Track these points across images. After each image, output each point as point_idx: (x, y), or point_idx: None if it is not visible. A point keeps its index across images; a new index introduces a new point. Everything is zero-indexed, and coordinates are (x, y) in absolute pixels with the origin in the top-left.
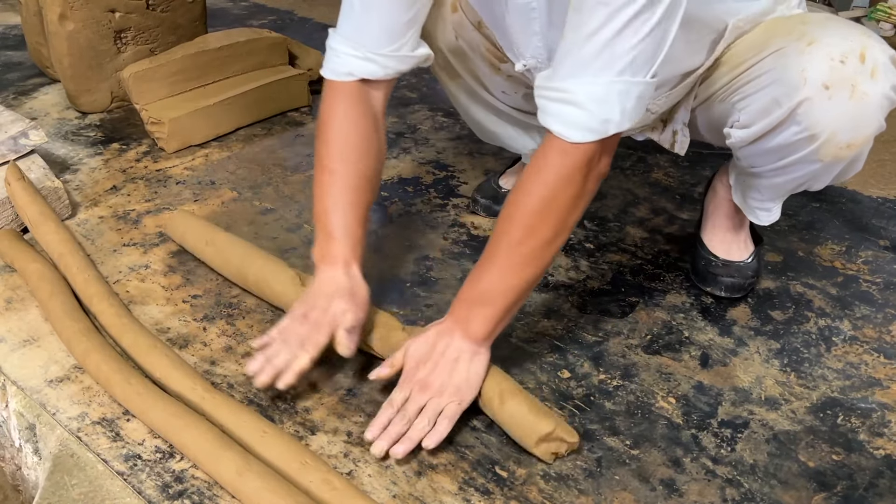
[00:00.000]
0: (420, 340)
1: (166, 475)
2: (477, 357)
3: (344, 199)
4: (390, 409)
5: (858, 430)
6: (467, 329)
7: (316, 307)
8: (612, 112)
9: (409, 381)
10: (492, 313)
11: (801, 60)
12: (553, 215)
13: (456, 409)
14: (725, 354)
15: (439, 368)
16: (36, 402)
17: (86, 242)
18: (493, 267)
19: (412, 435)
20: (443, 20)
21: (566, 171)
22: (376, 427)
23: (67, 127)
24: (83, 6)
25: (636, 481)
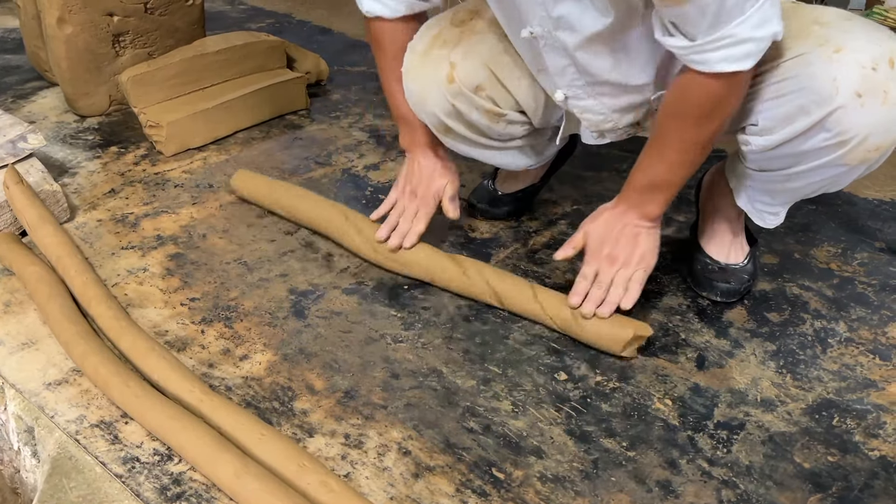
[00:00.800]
0: (598, 223)
1: (164, 477)
2: (653, 230)
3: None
4: (584, 280)
5: (854, 432)
6: (643, 211)
7: (421, 184)
8: (774, 25)
9: (596, 257)
10: (664, 198)
11: (830, 69)
12: (717, 121)
13: (643, 275)
14: (722, 356)
15: (622, 243)
16: (34, 405)
17: (84, 245)
18: (663, 160)
19: (612, 299)
20: (438, 89)
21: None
22: (577, 294)
23: (66, 130)
24: (81, 10)
25: (633, 483)
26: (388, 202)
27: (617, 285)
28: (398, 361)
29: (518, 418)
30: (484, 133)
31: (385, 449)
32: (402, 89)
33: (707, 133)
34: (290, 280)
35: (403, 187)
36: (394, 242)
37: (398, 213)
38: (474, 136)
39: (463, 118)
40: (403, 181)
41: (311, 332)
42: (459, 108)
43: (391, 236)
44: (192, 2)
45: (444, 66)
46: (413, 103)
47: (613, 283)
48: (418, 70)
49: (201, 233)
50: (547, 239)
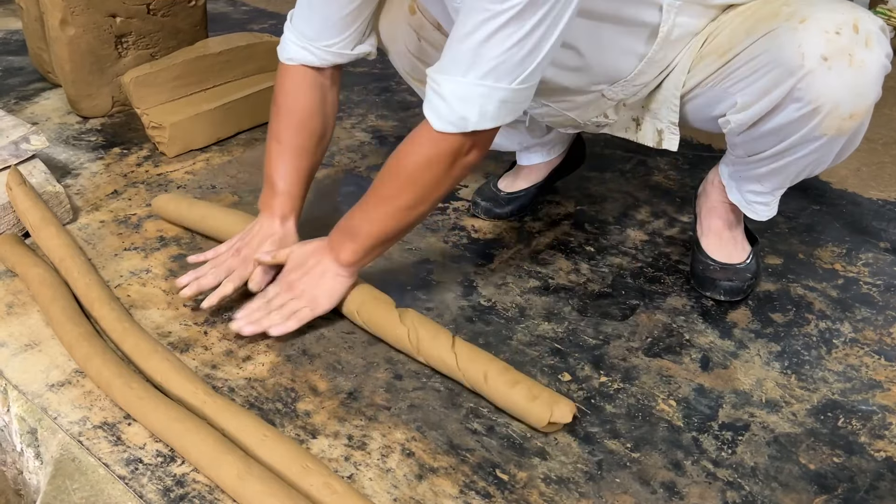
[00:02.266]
0: (304, 249)
1: (167, 479)
2: (339, 277)
3: (288, 164)
4: (262, 298)
5: (859, 433)
6: (337, 254)
7: (249, 245)
8: (471, 111)
9: (284, 278)
10: (358, 248)
11: (795, 38)
12: (416, 188)
13: (308, 313)
14: (726, 357)
15: (306, 277)
16: (37, 407)
17: (87, 247)
18: (363, 210)
19: (263, 322)
20: (402, 23)
21: (432, 155)
22: (246, 309)
23: (68, 132)
24: (84, 11)
25: (637, 484)
26: (214, 251)
27: (281, 311)
28: (401, 362)
29: None
30: None
31: (388, 450)
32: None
33: (403, 197)
34: None
35: (234, 243)
36: (187, 293)
37: (211, 265)
38: None
39: (431, 58)
40: (237, 237)
41: (314, 334)
42: (423, 45)
43: (189, 285)
44: (194, 3)
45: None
46: (385, 42)
47: (280, 309)
48: (389, 8)
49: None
50: (550, 240)
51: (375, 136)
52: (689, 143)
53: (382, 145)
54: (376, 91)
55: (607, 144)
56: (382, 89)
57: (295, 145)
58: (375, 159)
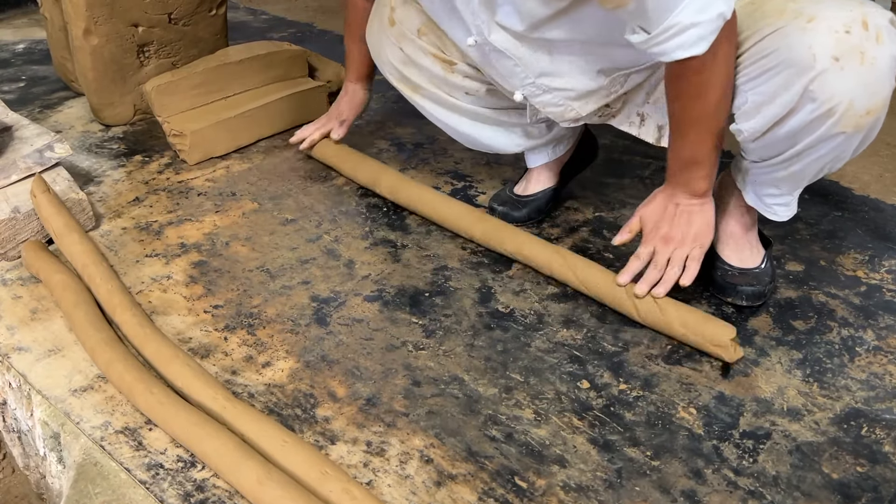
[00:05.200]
0: (651, 206)
1: (188, 484)
2: (706, 207)
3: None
4: (637, 261)
5: (883, 442)
6: (689, 189)
7: (338, 106)
8: (719, 5)
9: (651, 238)
10: (705, 171)
11: (804, 38)
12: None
13: (700, 252)
14: (747, 364)
15: (676, 223)
16: (60, 412)
17: (109, 253)
18: (686, 138)
19: (668, 278)
20: (384, 36)
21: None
22: (627, 274)
23: (91, 140)
24: (107, 21)
25: (657, 492)
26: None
27: (673, 265)
28: (419, 369)
29: (540, 427)
30: (449, 91)
31: (407, 457)
32: (355, 43)
33: (710, 105)
34: (311, 287)
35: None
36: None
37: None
38: (440, 93)
39: (416, 65)
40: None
41: (333, 340)
42: (408, 52)
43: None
44: (215, 12)
45: (385, 10)
46: (375, 58)
47: (670, 262)
48: (371, 23)
49: (224, 241)
50: (569, 246)
51: (394, 142)
52: None
53: (401, 152)
54: (394, 98)
55: (626, 151)
56: (400, 97)
57: (358, 36)
58: (394, 166)
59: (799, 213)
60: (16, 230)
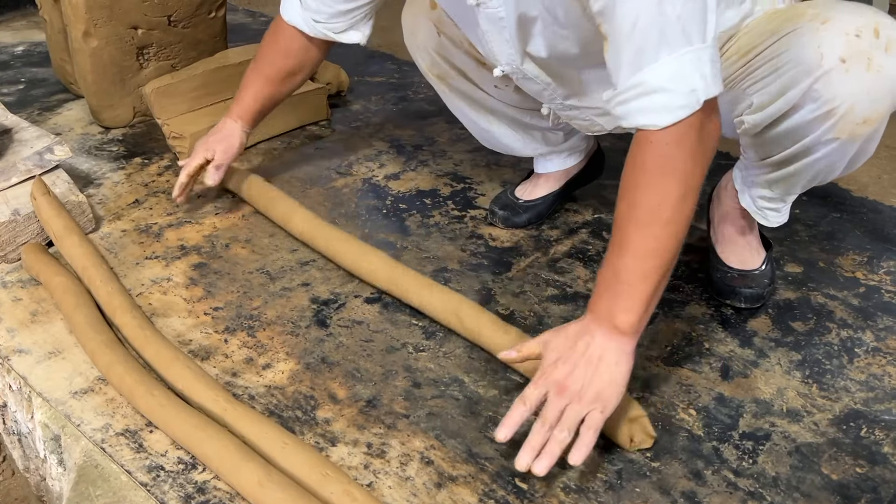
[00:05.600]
0: (560, 336)
1: (189, 486)
2: (623, 354)
3: (254, 83)
4: (522, 406)
5: (882, 443)
6: (612, 322)
7: (208, 142)
8: (693, 80)
9: (545, 378)
10: (636, 303)
11: (815, 38)
12: (671, 182)
13: (598, 417)
14: (746, 366)
15: (579, 369)
16: (61, 414)
17: (109, 255)
18: (626, 253)
19: (552, 449)
20: (423, 19)
21: (674, 142)
22: (507, 426)
23: (91, 142)
24: (107, 23)
25: (657, 494)
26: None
27: (563, 426)
28: (420, 370)
29: None
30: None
31: (407, 458)
32: (253, 70)
33: (663, 203)
34: (311, 289)
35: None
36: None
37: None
38: (469, 85)
39: (451, 56)
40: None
41: (333, 341)
42: (444, 40)
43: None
44: (214, 14)
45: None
46: (407, 40)
47: (560, 421)
48: (411, 3)
49: (224, 242)
50: (568, 248)
51: (393, 144)
52: None
53: (400, 154)
54: (393, 100)
55: (625, 153)
56: (400, 98)
57: (265, 74)
58: (393, 168)
59: (798, 214)
60: (16, 232)
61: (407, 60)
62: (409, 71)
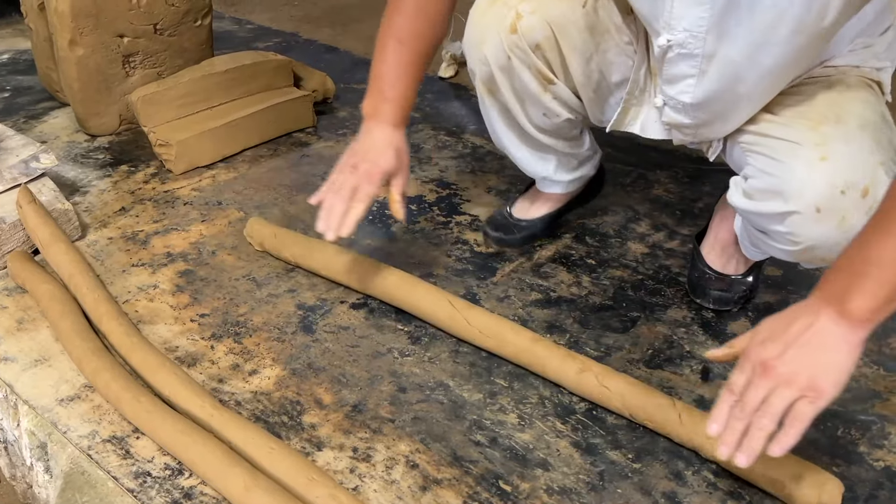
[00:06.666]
0: (777, 315)
1: (175, 492)
2: (846, 344)
3: (405, 68)
4: (730, 396)
5: (858, 443)
6: (844, 304)
7: (366, 160)
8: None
9: (749, 359)
10: (883, 290)
11: (806, 172)
12: None
13: (811, 408)
14: (726, 368)
15: (792, 350)
16: (47, 421)
17: (95, 263)
18: (888, 235)
19: (755, 441)
20: (497, 37)
21: None
22: (718, 418)
23: (77, 150)
24: (92, 32)
25: (638, 494)
26: (328, 181)
27: (766, 413)
28: (405, 375)
29: (524, 431)
30: (527, 108)
31: (393, 462)
32: (397, 50)
33: None
34: (298, 295)
35: (346, 161)
36: (330, 237)
37: (333, 191)
38: (517, 109)
39: (513, 77)
40: (348, 155)
41: (319, 347)
42: (513, 62)
43: (327, 226)
44: (200, 22)
45: (510, 14)
46: (469, 45)
47: (763, 407)
48: (484, 14)
49: (210, 249)
50: (552, 253)
51: None
52: (689, 157)
53: None
54: None
55: (607, 158)
56: None
57: (416, 49)
58: None
59: None
60: (1, 241)
61: None
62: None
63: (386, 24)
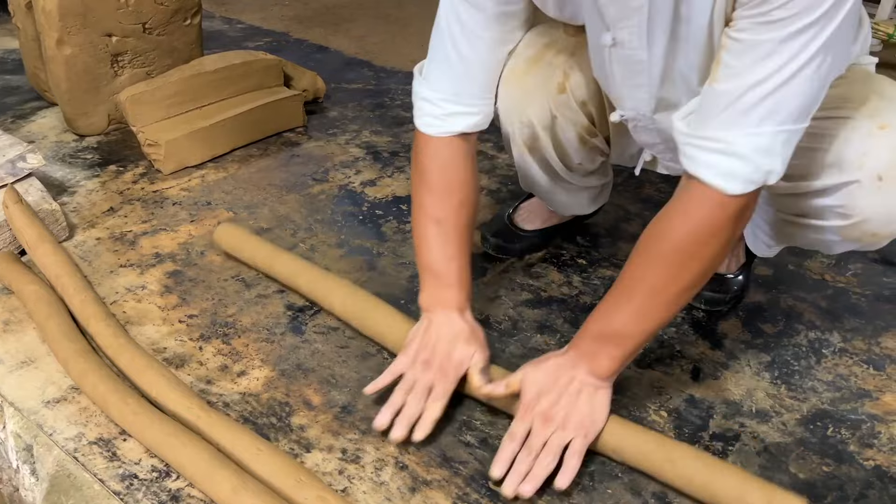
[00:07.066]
0: (540, 370)
1: (163, 494)
2: (600, 391)
3: (452, 248)
4: (512, 442)
5: (848, 442)
6: (593, 365)
7: (437, 353)
8: (776, 163)
9: (529, 412)
10: (621, 353)
11: (864, 143)
12: (700, 263)
13: (582, 443)
14: (716, 367)
15: (563, 401)
16: (33, 423)
17: (83, 264)
18: (627, 308)
19: (537, 473)
20: (544, 96)
21: (719, 222)
22: (501, 463)
23: (65, 150)
24: (80, 31)
25: (629, 495)
26: (393, 372)
27: (548, 452)
28: None
29: None
30: (564, 159)
31: (382, 463)
32: (439, 233)
33: (684, 279)
34: (286, 296)
35: (416, 355)
36: (398, 434)
37: (405, 390)
38: (554, 160)
39: (557, 133)
40: (416, 347)
41: (309, 348)
42: (559, 121)
43: (395, 423)
44: (189, 21)
45: (557, 73)
46: (509, 110)
47: (545, 449)
48: (525, 76)
49: (199, 250)
50: (542, 253)
51: (370, 151)
52: None
53: (377, 161)
54: (370, 107)
55: None
56: (376, 105)
57: (457, 225)
58: (370, 174)
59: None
60: None
61: (383, 67)
62: (385, 78)
63: (417, 206)
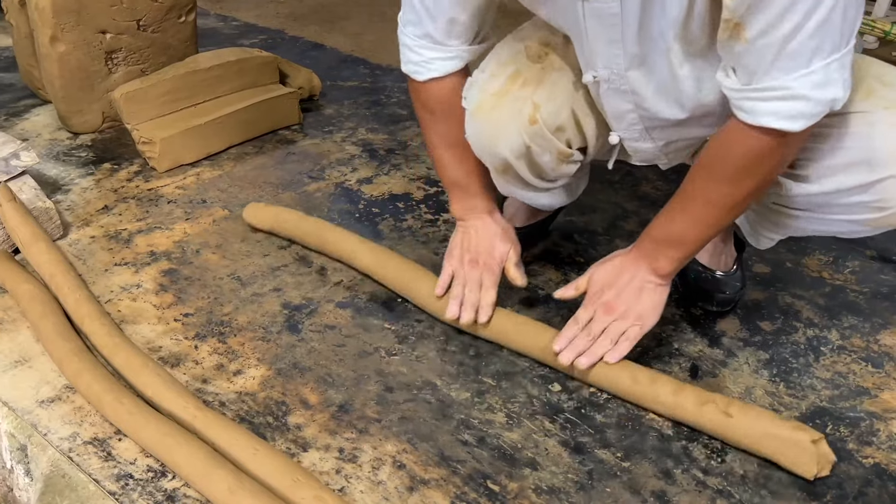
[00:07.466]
0: (606, 267)
1: (158, 494)
2: (661, 288)
3: (470, 164)
4: (575, 325)
5: (847, 440)
6: (653, 264)
7: (480, 252)
8: (836, 90)
9: (593, 302)
10: (679, 255)
11: (889, 137)
12: (754, 180)
13: (637, 331)
14: (715, 365)
15: (624, 294)
16: (27, 423)
17: (77, 262)
18: (687, 216)
19: (596, 350)
20: (515, 130)
21: (779, 149)
22: (563, 340)
23: (59, 147)
24: (74, 28)
25: (627, 493)
26: (447, 273)
27: (606, 336)
28: (392, 374)
29: (512, 430)
30: (541, 174)
31: (379, 463)
32: (455, 154)
33: (740, 194)
34: (283, 294)
35: (461, 256)
36: (467, 317)
37: (461, 284)
38: (531, 178)
39: (532, 159)
40: (460, 250)
41: (305, 347)
42: (534, 150)
43: (462, 311)
44: (184, 19)
45: (526, 106)
46: (480, 144)
47: (605, 333)
48: (493, 110)
49: (195, 248)
50: (539, 251)
51: (366, 149)
52: None
53: (373, 158)
54: (366, 105)
55: None
56: (372, 102)
57: (468, 146)
58: (366, 172)
59: None
60: None
61: (379, 64)
62: (381, 75)
63: (428, 138)
